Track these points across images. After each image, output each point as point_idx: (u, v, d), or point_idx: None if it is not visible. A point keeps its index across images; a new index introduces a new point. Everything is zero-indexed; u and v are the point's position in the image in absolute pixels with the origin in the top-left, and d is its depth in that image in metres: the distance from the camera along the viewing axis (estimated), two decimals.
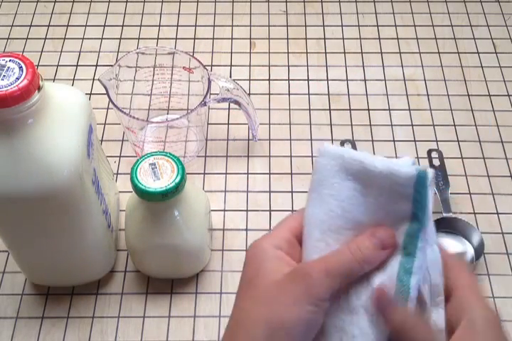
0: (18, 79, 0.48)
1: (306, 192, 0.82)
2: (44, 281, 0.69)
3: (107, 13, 0.97)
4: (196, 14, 0.98)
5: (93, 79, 0.88)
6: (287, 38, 0.93)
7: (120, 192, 0.76)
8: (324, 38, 0.94)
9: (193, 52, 0.92)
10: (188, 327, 0.67)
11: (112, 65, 0.72)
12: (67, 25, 0.96)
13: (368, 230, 0.42)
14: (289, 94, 0.87)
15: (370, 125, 0.84)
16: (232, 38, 0.94)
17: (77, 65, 0.91)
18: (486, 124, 0.84)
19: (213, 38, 0.94)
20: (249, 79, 0.89)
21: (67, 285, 0.70)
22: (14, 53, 0.50)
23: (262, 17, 0.97)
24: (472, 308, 0.41)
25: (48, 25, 0.96)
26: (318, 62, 0.91)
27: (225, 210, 0.76)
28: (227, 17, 0.97)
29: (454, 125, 0.84)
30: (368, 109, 0.86)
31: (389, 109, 0.86)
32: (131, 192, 0.59)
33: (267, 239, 0.44)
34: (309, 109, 0.86)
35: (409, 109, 0.86)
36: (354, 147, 0.77)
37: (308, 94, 0.87)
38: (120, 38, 0.94)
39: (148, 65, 0.76)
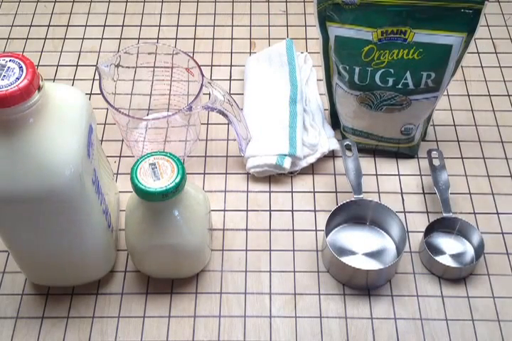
0: (18, 79, 0.48)
1: (306, 192, 0.82)
2: (44, 281, 0.69)
3: (107, 13, 0.97)
4: (196, 14, 0.98)
5: (93, 79, 0.88)
6: (287, 38, 0.93)
7: (120, 192, 0.76)
8: None
9: (193, 52, 0.92)
10: (188, 327, 0.67)
11: (112, 64, 0.72)
12: (67, 25, 0.96)
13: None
14: None
15: None
16: (232, 38, 0.94)
17: (77, 65, 0.91)
18: (486, 124, 0.84)
19: (213, 38, 0.94)
20: None
21: (67, 285, 0.70)
22: (14, 53, 0.50)
23: (262, 17, 0.97)
24: None
25: (48, 25, 0.96)
26: (318, 62, 0.90)
27: (225, 210, 0.76)
28: (227, 17, 0.97)
29: (454, 125, 0.84)
30: None
31: None
32: (131, 192, 0.59)
33: None
34: None
35: None
36: (354, 147, 0.76)
37: None
38: (120, 38, 0.94)
39: (148, 60, 0.76)
